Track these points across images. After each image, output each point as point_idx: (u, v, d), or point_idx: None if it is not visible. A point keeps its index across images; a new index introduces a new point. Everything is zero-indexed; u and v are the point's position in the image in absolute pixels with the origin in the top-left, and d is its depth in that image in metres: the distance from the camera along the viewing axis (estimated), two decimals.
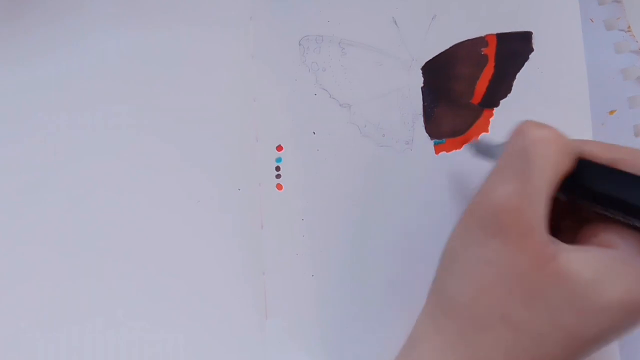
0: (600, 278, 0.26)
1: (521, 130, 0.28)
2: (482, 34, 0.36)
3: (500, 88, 0.36)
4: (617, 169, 0.27)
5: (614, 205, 0.27)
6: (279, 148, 0.37)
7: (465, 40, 0.37)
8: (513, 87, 0.36)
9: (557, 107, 0.35)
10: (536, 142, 0.27)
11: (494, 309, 0.27)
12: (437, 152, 0.36)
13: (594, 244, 0.28)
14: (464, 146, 0.36)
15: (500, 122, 0.35)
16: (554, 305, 0.26)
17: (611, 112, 0.37)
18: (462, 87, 0.36)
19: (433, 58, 0.37)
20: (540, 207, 0.26)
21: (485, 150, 0.33)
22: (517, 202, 0.26)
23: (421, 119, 0.36)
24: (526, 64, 0.36)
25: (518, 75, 0.36)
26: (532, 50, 0.36)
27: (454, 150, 0.36)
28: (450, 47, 0.37)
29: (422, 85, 0.37)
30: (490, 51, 0.36)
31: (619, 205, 0.27)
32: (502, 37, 0.36)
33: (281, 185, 0.37)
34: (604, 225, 0.28)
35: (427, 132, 0.36)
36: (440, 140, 0.36)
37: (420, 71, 0.37)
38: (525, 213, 0.26)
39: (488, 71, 0.36)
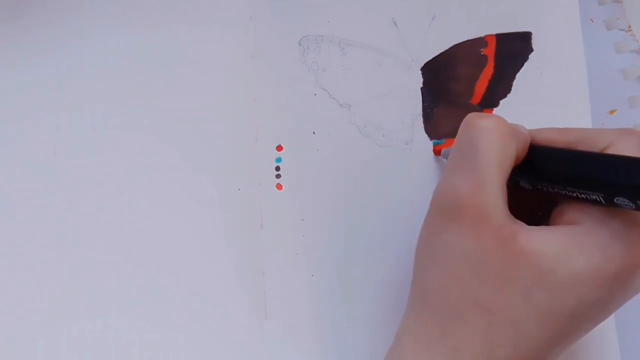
0: (563, 252, 0.26)
1: (466, 122, 0.29)
2: (482, 34, 0.36)
3: (499, 88, 0.36)
4: (565, 149, 0.29)
5: (568, 182, 0.27)
6: (279, 148, 0.37)
7: (465, 41, 0.37)
8: (513, 87, 0.36)
9: (557, 107, 0.36)
10: (480, 131, 0.28)
11: (466, 295, 0.27)
12: (436, 152, 0.36)
13: (559, 223, 0.28)
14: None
15: None
16: (522, 285, 0.26)
17: (611, 112, 0.37)
18: (461, 87, 0.36)
19: (433, 58, 0.37)
20: (492, 190, 0.27)
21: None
22: (468, 188, 0.27)
23: (421, 119, 0.36)
24: (526, 64, 0.36)
25: (518, 76, 0.36)
26: (531, 50, 0.36)
27: None
28: (449, 48, 0.37)
29: (421, 85, 0.37)
30: (489, 51, 0.36)
31: (572, 181, 0.27)
32: (501, 38, 0.36)
33: (281, 185, 0.37)
34: (568, 205, 0.28)
35: (426, 132, 0.36)
36: (439, 141, 0.36)
37: (420, 71, 0.37)
38: (478, 198, 0.27)
39: (488, 71, 0.36)
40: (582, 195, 0.27)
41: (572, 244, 0.26)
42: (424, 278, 0.29)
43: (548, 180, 0.28)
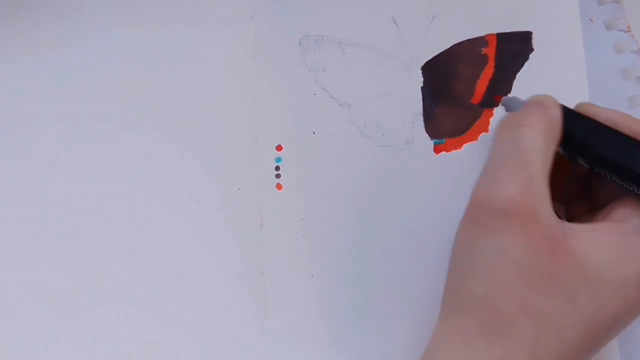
0: (612, 255, 0.26)
1: (507, 124, 0.29)
2: (482, 34, 0.36)
3: (500, 88, 0.36)
4: (609, 128, 0.28)
5: (631, 175, 0.27)
6: (279, 148, 0.37)
7: (465, 40, 0.37)
8: (513, 87, 0.36)
9: None
10: (523, 132, 0.28)
11: (512, 300, 0.26)
12: (437, 152, 0.36)
13: (608, 220, 0.28)
14: (463, 146, 0.36)
15: None
16: (570, 288, 0.26)
17: None
18: (462, 87, 0.36)
19: (433, 58, 0.37)
20: (540, 192, 0.27)
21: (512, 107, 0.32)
22: (517, 191, 0.27)
23: (421, 119, 0.36)
24: (526, 64, 0.36)
25: (518, 75, 0.36)
26: (532, 50, 0.36)
27: (453, 150, 0.36)
28: (450, 47, 0.37)
29: (422, 85, 0.37)
30: (490, 51, 0.36)
31: (610, 165, 0.27)
32: (502, 37, 0.36)
33: (281, 185, 0.37)
34: (618, 202, 0.28)
35: (427, 132, 0.36)
36: (440, 140, 0.36)
37: (420, 71, 0.37)
38: (527, 200, 0.27)
39: (488, 71, 0.36)
40: (630, 188, 0.27)
41: (621, 247, 0.26)
42: (464, 284, 0.28)
43: (607, 167, 0.28)
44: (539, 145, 0.28)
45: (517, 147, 0.28)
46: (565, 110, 0.29)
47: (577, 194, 0.31)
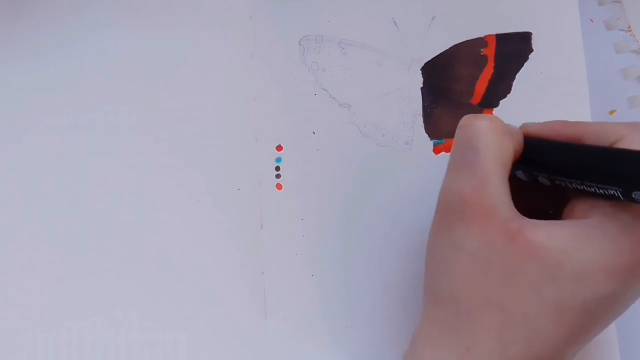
0: (572, 244, 0.26)
1: (462, 125, 0.29)
2: (482, 34, 0.36)
3: (499, 88, 0.36)
4: (555, 141, 0.29)
5: (585, 176, 0.27)
6: (279, 148, 0.37)
7: (465, 41, 0.37)
8: (513, 88, 0.36)
9: (557, 108, 0.35)
10: (477, 131, 0.29)
11: (476, 294, 0.27)
12: (436, 152, 0.36)
13: (569, 218, 0.28)
14: None
15: None
16: (533, 280, 0.26)
17: (611, 112, 0.37)
18: (461, 87, 0.36)
19: (433, 58, 0.37)
20: (495, 187, 0.28)
21: None
22: (471, 186, 0.28)
23: (421, 119, 0.36)
24: (526, 64, 0.36)
25: (518, 76, 0.36)
26: (531, 50, 0.36)
27: None
28: (449, 48, 0.37)
29: (421, 85, 0.37)
30: (489, 51, 0.36)
31: (590, 176, 0.27)
32: (501, 38, 0.36)
33: (281, 185, 0.37)
34: (578, 200, 0.28)
35: (426, 132, 0.36)
36: (439, 141, 0.36)
37: (420, 71, 0.37)
38: (482, 195, 0.27)
39: (487, 71, 0.36)
40: (600, 191, 0.27)
41: (581, 237, 0.26)
42: (433, 280, 0.29)
43: (565, 175, 0.28)
44: (491, 139, 0.28)
45: (471, 145, 0.28)
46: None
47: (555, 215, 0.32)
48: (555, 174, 0.29)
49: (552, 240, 0.26)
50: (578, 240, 0.26)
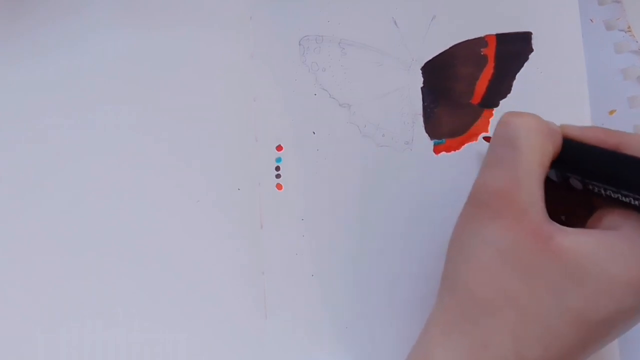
0: (602, 256, 0.26)
1: (504, 121, 0.29)
2: (482, 34, 0.36)
3: (499, 88, 0.36)
4: (596, 146, 0.29)
5: (622, 185, 0.27)
6: (279, 148, 0.37)
7: (465, 41, 0.37)
8: (513, 87, 0.36)
9: (557, 107, 0.35)
10: (519, 129, 0.28)
11: (496, 286, 0.27)
12: (436, 152, 0.36)
13: (597, 227, 0.28)
14: (463, 146, 0.36)
15: None
16: (557, 286, 0.26)
17: (611, 112, 0.37)
18: (461, 87, 0.36)
19: (433, 58, 0.37)
20: (532, 189, 0.28)
21: None
22: (509, 186, 0.28)
23: (421, 119, 0.36)
24: (526, 64, 0.36)
25: (518, 76, 0.36)
26: (531, 50, 0.36)
27: (453, 151, 0.36)
28: (450, 47, 0.37)
29: (421, 85, 0.37)
30: (489, 51, 0.36)
31: (627, 184, 0.27)
32: (501, 38, 0.36)
33: (281, 185, 0.37)
34: (607, 210, 0.28)
35: (426, 132, 0.36)
36: (440, 141, 0.36)
37: (420, 71, 0.37)
38: (518, 195, 0.27)
39: (488, 71, 0.36)
40: (635, 202, 0.27)
41: (611, 248, 0.26)
42: (454, 270, 0.29)
43: (602, 181, 0.28)
44: (534, 141, 0.28)
45: (512, 144, 0.28)
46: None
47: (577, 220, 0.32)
48: (591, 178, 0.29)
49: (582, 247, 0.26)
50: (608, 251, 0.26)
